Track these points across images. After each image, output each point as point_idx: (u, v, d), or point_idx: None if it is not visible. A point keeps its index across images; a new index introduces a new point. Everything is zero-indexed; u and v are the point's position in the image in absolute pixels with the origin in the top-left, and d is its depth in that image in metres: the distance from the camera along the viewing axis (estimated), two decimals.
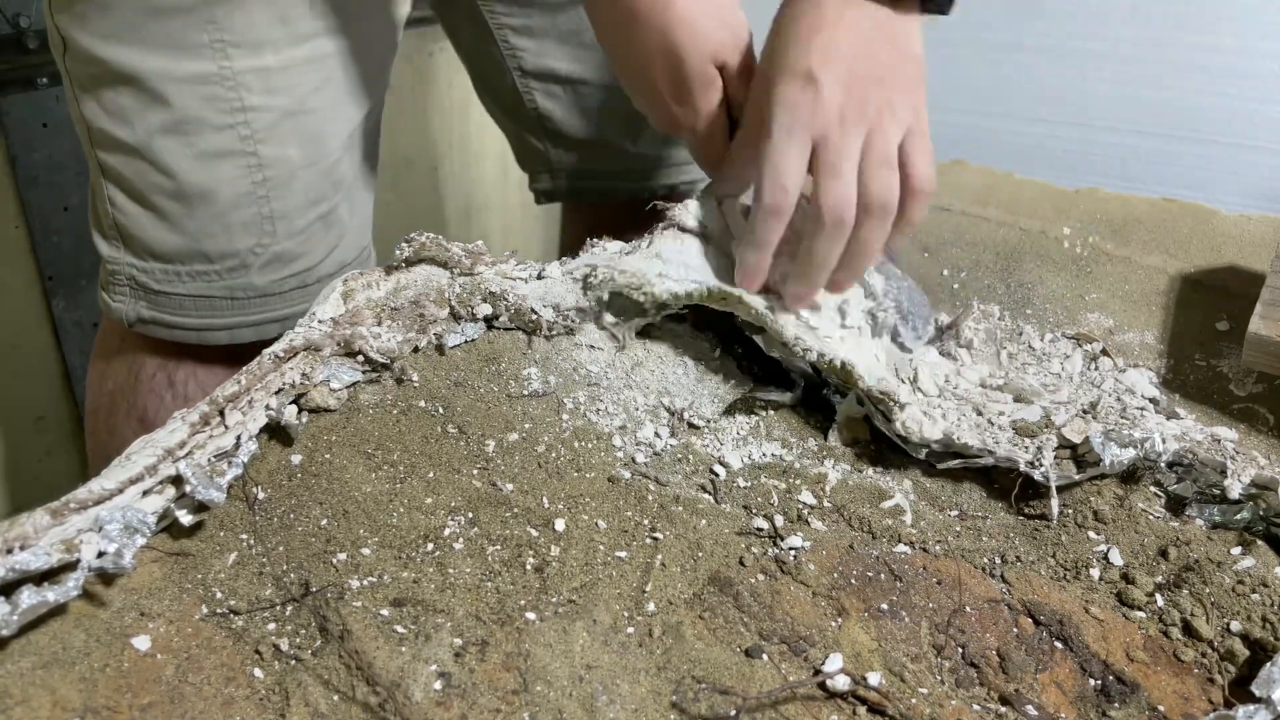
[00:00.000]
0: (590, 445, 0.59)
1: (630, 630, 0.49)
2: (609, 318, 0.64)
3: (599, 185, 1.06)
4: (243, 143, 0.75)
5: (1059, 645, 0.51)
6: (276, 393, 0.55)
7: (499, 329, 0.63)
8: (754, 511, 0.57)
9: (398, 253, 0.64)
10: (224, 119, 0.74)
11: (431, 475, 0.55)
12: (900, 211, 0.62)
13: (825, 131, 0.60)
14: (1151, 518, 0.57)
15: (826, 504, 0.58)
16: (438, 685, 0.45)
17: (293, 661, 0.45)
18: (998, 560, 0.56)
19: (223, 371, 0.83)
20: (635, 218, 0.75)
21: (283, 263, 0.80)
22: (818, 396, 0.67)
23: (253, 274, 0.79)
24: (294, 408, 0.56)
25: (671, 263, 0.65)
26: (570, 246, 0.73)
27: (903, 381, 0.65)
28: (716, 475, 0.60)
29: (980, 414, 0.62)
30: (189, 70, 0.72)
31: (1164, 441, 0.58)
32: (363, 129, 0.84)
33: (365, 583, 0.49)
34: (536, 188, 1.09)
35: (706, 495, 0.58)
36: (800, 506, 0.58)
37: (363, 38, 0.80)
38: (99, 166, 0.78)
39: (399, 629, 0.47)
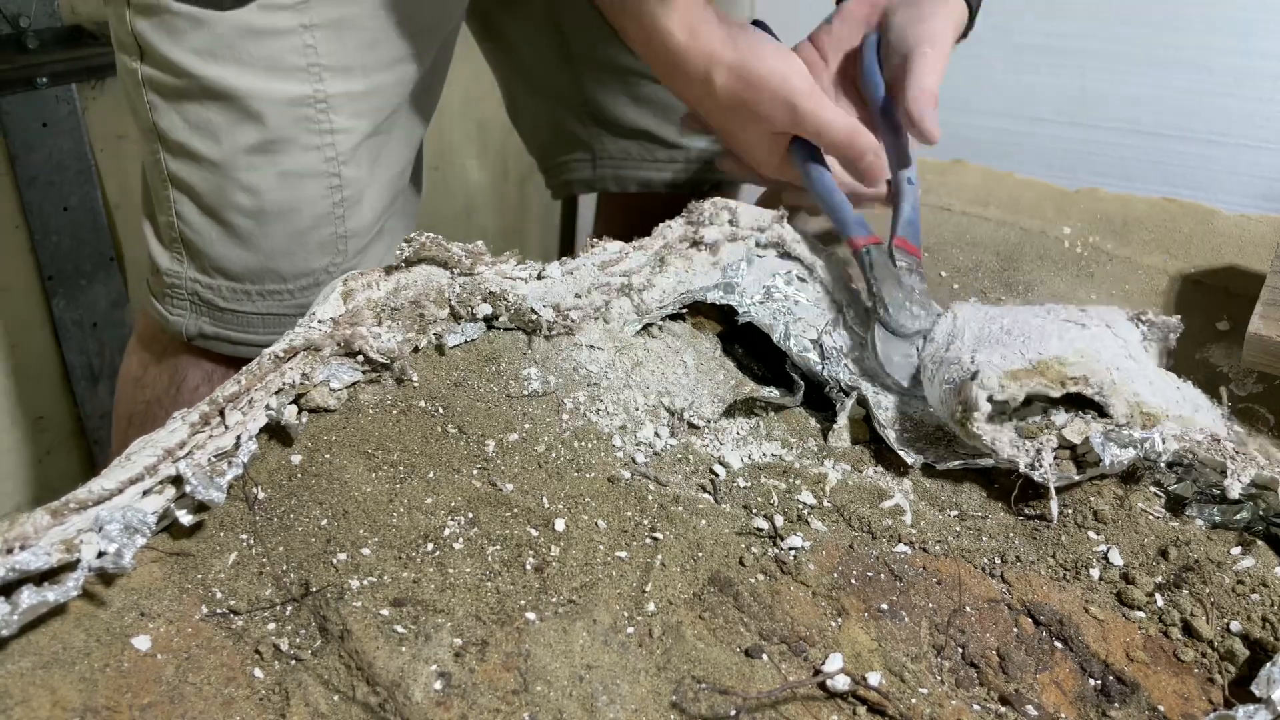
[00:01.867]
0: (590, 445, 0.59)
1: (630, 630, 0.49)
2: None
3: (641, 175, 1.06)
4: (327, 164, 0.76)
5: (1059, 645, 0.51)
6: (276, 393, 0.55)
7: (499, 329, 0.63)
8: (754, 511, 0.57)
9: (398, 253, 0.64)
10: (313, 140, 0.75)
11: (431, 475, 0.55)
12: None
13: None
14: (1151, 518, 0.57)
15: (826, 504, 0.58)
16: (438, 685, 0.45)
17: (293, 661, 0.45)
18: (998, 560, 0.56)
19: None
20: (673, 209, 0.75)
21: None
22: (818, 396, 0.67)
23: None
24: (294, 408, 0.56)
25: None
26: (601, 236, 0.74)
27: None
28: (716, 475, 0.60)
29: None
30: (284, 92, 0.73)
31: (1164, 441, 0.58)
32: (420, 146, 0.86)
33: (365, 583, 0.49)
34: (573, 178, 1.08)
35: (706, 495, 0.58)
36: (800, 506, 0.58)
37: (434, 60, 0.81)
38: (168, 177, 0.77)
39: (399, 629, 0.47)
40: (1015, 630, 0.51)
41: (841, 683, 0.46)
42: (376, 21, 0.75)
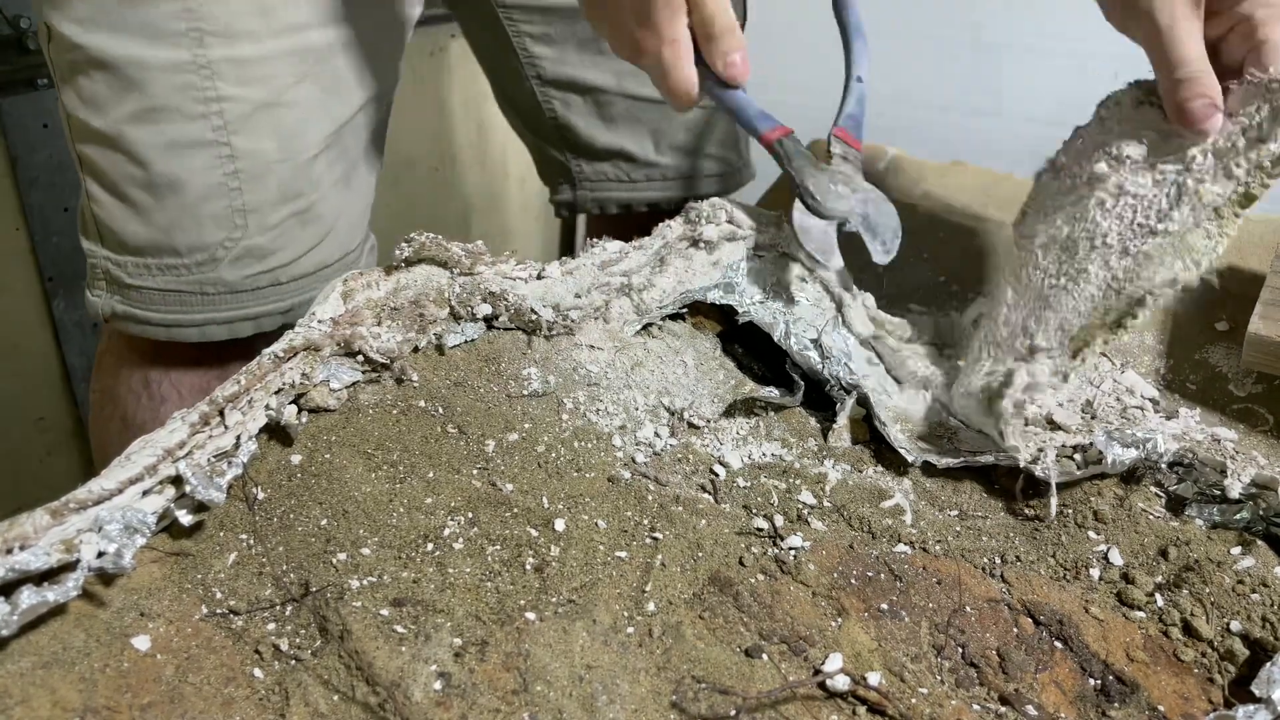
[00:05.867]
0: (590, 445, 0.59)
1: (630, 630, 0.49)
2: None
3: (620, 196, 1.04)
4: (215, 133, 0.75)
5: (1059, 645, 0.51)
6: (276, 393, 0.55)
7: (499, 329, 0.63)
8: (754, 511, 0.57)
9: (397, 253, 0.64)
10: (197, 108, 0.74)
11: (431, 475, 0.55)
12: None
13: None
14: (1151, 518, 0.57)
15: (826, 504, 0.58)
16: (438, 685, 0.45)
17: (293, 661, 0.45)
18: (998, 560, 0.56)
19: (197, 372, 0.83)
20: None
21: (255, 258, 0.79)
22: (818, 396, 0.67)
23: (222, 269, 0.78)
24: (294, 408, 0.56)
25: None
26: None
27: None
28: (716, 475, 0.60)
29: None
30: (163, 57, 0.72)
31: (1165, 442, 0.58)
32: (355, 126, 0.82)
33: (365, 583, 0.49)
34: (557, 200, 1.07)
35: (706, 495, 0.58)
36: (800, 506, 0.58)
37: (358, 34, 0.79)
38: (78, 157, 0.78)
39: (399, 629, 0.47)
40: (1015, 630, 0.51)
41: (841, 683, 0.46)
42: None
